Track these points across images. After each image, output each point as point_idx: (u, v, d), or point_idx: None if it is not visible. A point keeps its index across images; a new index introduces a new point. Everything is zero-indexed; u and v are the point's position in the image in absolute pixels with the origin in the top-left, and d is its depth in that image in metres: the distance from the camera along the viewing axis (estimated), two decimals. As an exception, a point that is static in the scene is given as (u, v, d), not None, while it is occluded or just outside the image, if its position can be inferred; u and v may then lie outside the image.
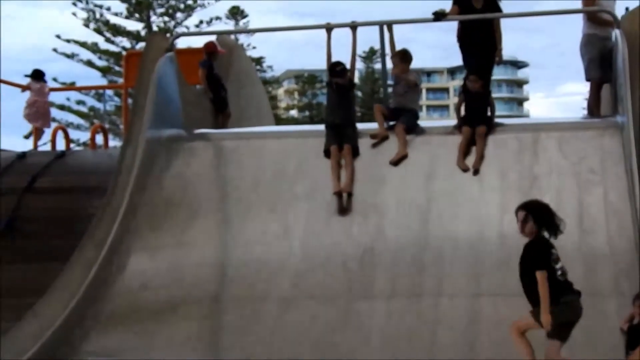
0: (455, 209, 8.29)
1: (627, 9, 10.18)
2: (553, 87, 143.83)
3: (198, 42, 13.31)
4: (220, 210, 8.88)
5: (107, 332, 7.73)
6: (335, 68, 9.21)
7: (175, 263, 8.32)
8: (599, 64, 9.46)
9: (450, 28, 9.97)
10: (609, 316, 7.00)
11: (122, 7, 37.41)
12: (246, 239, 8.42)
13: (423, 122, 9.67)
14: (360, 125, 9.41)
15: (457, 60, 10.98)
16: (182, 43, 23.45)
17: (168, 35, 25.88)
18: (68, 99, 36.43)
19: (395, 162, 8.80)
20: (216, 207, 8.89)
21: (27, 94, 13.29)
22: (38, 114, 13.26)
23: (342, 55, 9.45)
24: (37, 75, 13.38)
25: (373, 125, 9.35)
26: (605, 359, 6.58)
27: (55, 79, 32.02)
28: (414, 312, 7.46)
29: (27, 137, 13.68)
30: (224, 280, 8.21)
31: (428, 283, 7.71)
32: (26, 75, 13.39)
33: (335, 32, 9.63)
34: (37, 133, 13.26)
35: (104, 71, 37.38)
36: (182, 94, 10.04)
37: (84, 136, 33.55)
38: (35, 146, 13.08)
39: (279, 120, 34.08)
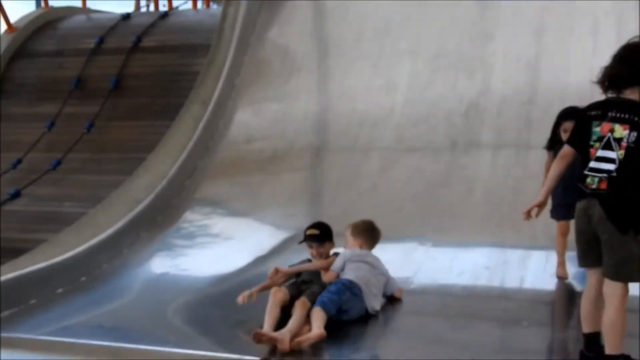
0: (566, 63, 8.04)
1: None
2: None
3: None
4: (322, 66, 8.89)
5: (215, 183, 7.99)
6: None
7: (279, 116, 8.47)
8: None
9: None
10: None
11: None
12: (349, 92, 8.44)
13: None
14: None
15: None
16: None
17: None
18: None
19: None
20: (318, 63, 8.90)
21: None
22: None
23: None
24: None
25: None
26: None
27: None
28: (520, 165, 7.39)
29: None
30: (326, 133, 8.29)
31: (535, 137, 7.58)
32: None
33: None
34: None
35: None
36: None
37: None
38: (137, 7, 13.22)
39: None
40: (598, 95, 4.47)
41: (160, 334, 5.43)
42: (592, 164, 4.30)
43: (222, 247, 7.16)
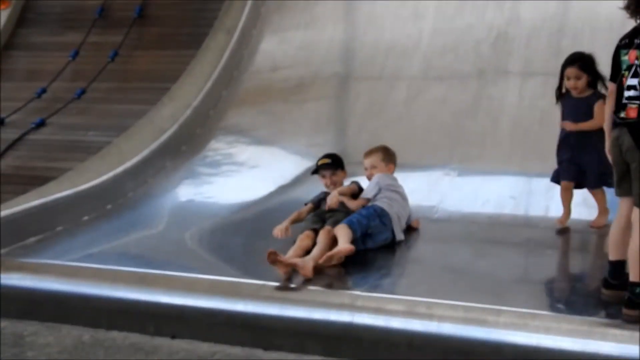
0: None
1: None
2: None
3: None
4: (348, -7, 8.74)
5: (240, 112, 7.95)
6: None
7: (304, 45, 8.37)
8: None
9: None
10: None
11: None
12: (376, 21, 8.29)
13: None
14: None
15: None
16: None
17: None
18: None
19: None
20: (344, -10, 8.75)
21: None
22: None
23: None
24: None
25: None
26: None
27: None
28: (548, 96, 7.25)
29: None
30: (352, 62, 8.18)
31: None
32: None
33: None
34: None
35: None
36: None
37: None
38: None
39: None
40: (630, 24, 4.38)
41: (184, 260, 5.49)
42: (625, 93, 4.24)
43: (246, 175, 7.17)
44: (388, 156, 5.92)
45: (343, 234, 5.18)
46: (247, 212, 6.52)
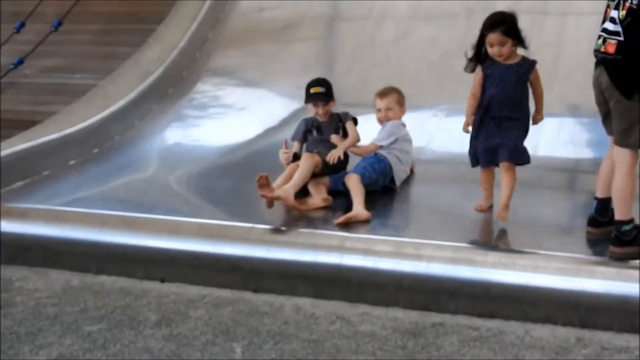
0: None
1: None
2: None
3: None
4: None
5: (227, 54, 7.87)
6: None
7: (291, -17, 8.25)
8: None
9: None
10: None
11: None
12: (363, -41, 8.19)
13: None
14: None
15: None
16: None
17: None
18: None
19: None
20: None
21: None
22: None
23: None
24: None
25: None
26: None
27: None
28: (535, 33, 7.15)
29: None
30: (339, 1, 8.07)
31: (552, 4, 7.38)
32: None
33: None
34: None
35: None
36: None
37: None
38: None
39: None
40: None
41: (172, 204, 5.49)
42: (605, 24, 4.21)
43: (234, 117, 7.12)
44: (402, 98, 5.80)
45: (357, 192, 5.11)
46: (234, 155, 6.49)
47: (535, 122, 5.05)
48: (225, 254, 4.75)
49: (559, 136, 6.15)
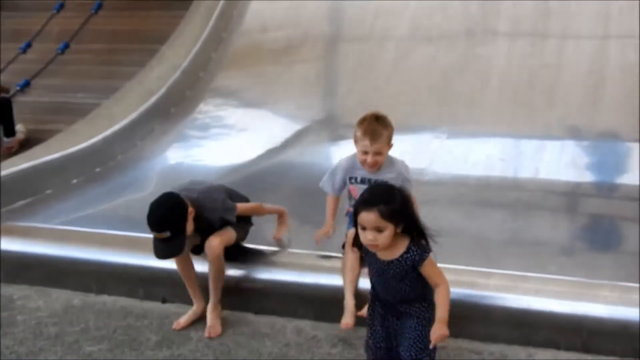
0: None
1: None
2: None
3: None
4: (337, -47, 8.64)
5: (229, 74, 7.91)
6: None
7: (293, 5, 8.30)
8: None
9: None
10: None
11: None
12: (364, -20, 8.25)
13: None
14: None
15: None
16: None
17: None
18: None
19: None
20: (333, -50, 8.65)
21: None
22: None
23: None
24: None
25: None
26: None
27: None
28: (536, 56, 7.26)
29: None
30: (341, 22, 8.14)
31: (552, 26, 7.43)
32: None
33: None
34: None
35: None
36: None
37: None
38: None
39: None
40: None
41: (174, 223, 5.46)
42: None
43: (236, 138, 7.16)
44: (392, 132, 4.61)
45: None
46: (236, 175, 6.49)
47: (434, 338, 3.26)
48: (226, 275, 4.75)
49: (560, 158, 6.16)
